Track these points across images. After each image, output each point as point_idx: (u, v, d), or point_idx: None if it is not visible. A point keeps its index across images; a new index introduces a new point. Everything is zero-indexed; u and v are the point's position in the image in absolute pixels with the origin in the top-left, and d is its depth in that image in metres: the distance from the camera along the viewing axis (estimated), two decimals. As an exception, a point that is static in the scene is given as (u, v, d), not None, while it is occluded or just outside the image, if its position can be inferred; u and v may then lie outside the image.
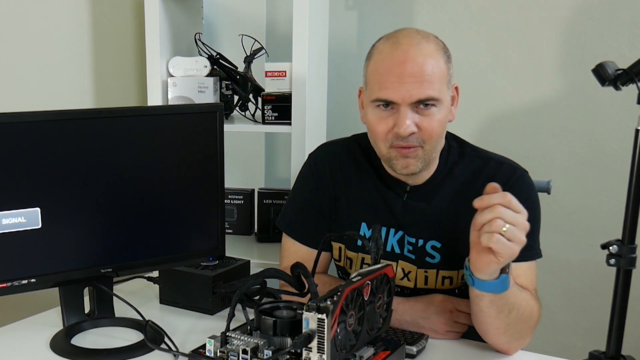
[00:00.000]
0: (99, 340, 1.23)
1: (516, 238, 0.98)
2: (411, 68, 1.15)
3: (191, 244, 1.35)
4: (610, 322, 0.96)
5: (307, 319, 0.95)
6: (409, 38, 1.18)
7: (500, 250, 0.98)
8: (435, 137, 1.20)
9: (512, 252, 0.99)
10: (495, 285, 1.06)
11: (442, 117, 1.19)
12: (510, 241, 0.98)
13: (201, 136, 1.31)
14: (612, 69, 0.96)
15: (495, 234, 0.97)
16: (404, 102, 1.16)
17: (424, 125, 1.18)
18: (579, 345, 2.03)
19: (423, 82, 1.15)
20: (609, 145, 1.94)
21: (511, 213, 0.98)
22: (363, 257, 1.34)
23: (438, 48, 1.19)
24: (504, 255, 0.99)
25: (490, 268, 1.03)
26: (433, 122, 1.18)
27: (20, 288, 1.18)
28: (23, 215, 1.16)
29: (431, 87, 1.16)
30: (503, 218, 0.97)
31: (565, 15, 1.94)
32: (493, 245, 0.98)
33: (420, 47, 1.17)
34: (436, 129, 1.19)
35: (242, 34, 1.93)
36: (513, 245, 0.98)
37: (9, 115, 1.13)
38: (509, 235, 0.97)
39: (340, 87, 2.24)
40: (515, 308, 1.10)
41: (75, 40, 1.88)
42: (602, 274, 1.85)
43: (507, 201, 0.99)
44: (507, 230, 0.97)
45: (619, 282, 0.95)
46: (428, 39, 1.19)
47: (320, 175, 1.38)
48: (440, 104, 1.18)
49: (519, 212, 0.99)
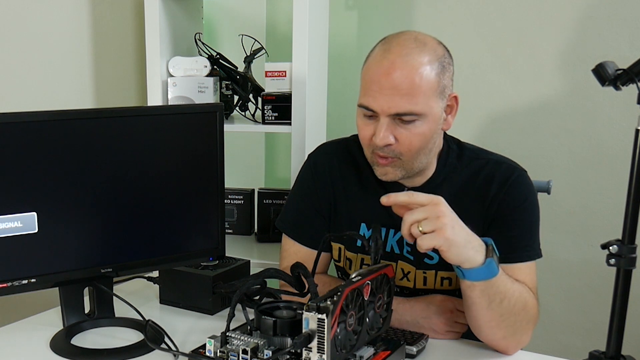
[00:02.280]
0: (99, 340, 1.23)
1: (434, 226, 1.03)
2: (394, 80, 1.13)
3: (191, 244, 1.35)
4: (610, 322, 0.96)
5: (307, 319, 0.95)
6: (401, 47, 1.15)
7: (431, 245, 1.04)
8: (414, 149, 1.18)
9: (443, 238, 1.03)
10: (482, 271, 1.07)
11: (426, 130, 1.17)
12: (433, 231, 1.03)
13: (201, 136, 1.31)
14: (612, 69, 0.96)
15: (419, 237, 1.04)
16: (382, 112, 1.16)
17: (402, 138, 1.17)
18: (579, 345, 2.03)
19: (404, 95, 1.13)
20: (609, 145, 1.94)
21: (417, 211, 1.04)
22: (362, 257, 1.34)
23: (432, 59, 1.15)
24: (438, 245, 1.04)
25: (453, 258, 1.06)
26: (413, 136, 1.17)
27: (20, 288, 1.18)
28: (19, 219, 1.15)
29: (412, 101, 1.14)
30: (414, 220, 1.04)
31: (565, 15, 1.94)
32: (424, 247, 1.04)
33: (408, 57, 1.14)
34: (415, 143, 1.17)
35: (242, 34, 1.93)
36: (437, 233, 1.03)
37: (9, 115, 1.13)
38: (427, 229, 1.03)
39: (340, 87, 2.24)
40: (506, 297, 1.11)
41: (75, 40, 1.88)
42: (602, 274, 1.85)
43: (408, 202, 1.06)
44: (423, 227, 1.03)
45: (619, 282, 0.95)
46: (423, 47, 1.16)
47: (319, 176, 1.38)
48: (423, 117, 1.16)
49: (426, 204, 1.05)
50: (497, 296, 1.10)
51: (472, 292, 1.10)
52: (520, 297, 1.14)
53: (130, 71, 2.08)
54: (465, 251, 1.05)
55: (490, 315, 1.12)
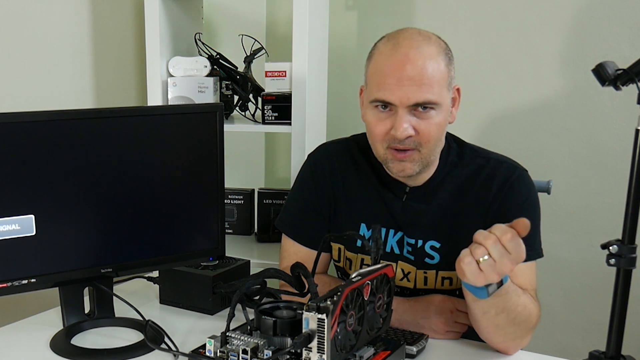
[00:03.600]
0: (99, 340, 1.23)
1: (487, 272, 0.99)
2: (410, 71, 1.15)
3: (191, 244, 1.35)
4: (610, 322, 0.96)
5: (307, 319, 0.95)
6: (410, 40, 1.18)
7: (467, 275, 1.00)
8: (432, 140, 1.19)
9: (475, 280, 1.00)
10: (472, 289, 1.06)
11: (441, 120, 1.19)
12: (481, 271, 0.99)
13: (201, 136, 1.31)
14: (612, 69, 0.96)
15: (471, 258, 0.99)
16: (401, 104, 1.16)
17: (421, 129, 1.18)
18: (579, 345, 2.03)
19: (422, 85, 1.15)
20: (609, 145, 1.94)
21: (499, 249, 0.98)
22: (362, 257, 1.34)
23: (439, 50, 1.18)
24: (469, 279, 1.00)
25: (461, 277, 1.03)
26: (431, 126, 1.18)
27: (20, 288, 1.18)
28: (17, 222, 1.15)
29: (430, 90, 1.15)
30: (488, 250, 0.98)
31: (565, 15, 1.95)
32: (463, 267, 0.99)
33: (420, 49, 1.16)
34: (434, 133, 1.19)
35: (242, 34, 1.93)
36: (481, 275, 0.99)
37: (8, 115, 1.13)
38: (483, 267, 0.98)
39: (340, 87, 2.24)
40: (504, 312, 1.10)
41: (75, 40, 1.88)
42: (602, 274, 1.84)
43: (503, 237, 0.99)
44: (483, 262, 0.98)
45: (619, 282, 0.95)
46: (429, 40, 1.19)
47: (319, 176, 1.38)
48: (439, 107, 1.18)
49: (509, 252, 0.98)
50: (492, 310, 1.09)
51: (467, 295, 1.10)
52: (524, 311, 1.13)
53: (130, 71, 2.08)
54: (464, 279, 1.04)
55: (485, 323, 1.13)
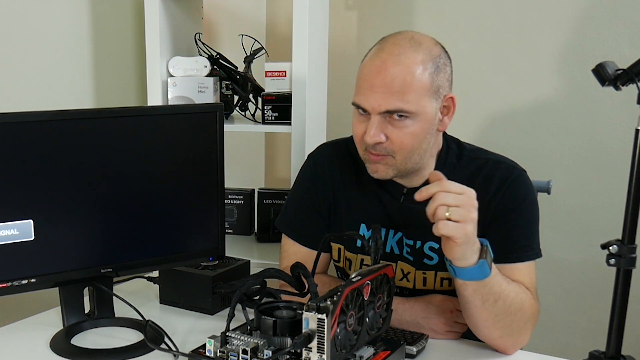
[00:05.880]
0: (99, 340, 1.23)
1: (463, 217, 1.01)
2: (384, 78, 1.14)
3: (191, 244, 1.35)
4: (610, 322, 0.96)
5: (307, 319, 0.95)
6: (395, 46, 1.16)
7: (452, 234, 1.02)
8: (406, 149, 1.18)
9: (464, 232, 1.02)
10: (474, 272, 1.07)
11: (417, 129, 1.17)
12: (458, 222, 1.01)
13: (201, 136, 1.31)
14: (612, 69, 0.96)
15: (442, 220, 1.01)
16: (373, 110, 1.16)
17: (392, 137, 1.17)
18: (579, 345, 2.03)
19: (394, 93, 1.14)
20: (609, 145, 1.94)
21: (452, 196, 1.02)
22: (362, 258, 1.34)
23: (425, 58, 1.15)
24: (457, 236, 1.02)
25: (456, 253, 1.05)
26: (404, 135, 1.17)
27: (20, 288, 1.18)
28: (15, 227, 1.15)
29: (402, 99, 1.14)
30: (444, 203, 1.01)
31: (565, 15, 1.95)
32: (443, 232, 1.02)
33: (401, 56, 1.14)
34: (407, 142, 1.17)
35: (242, 34, 1.93)
36: (462, 225, 1.01)
37: (8, 115, 1.13)
38: (455, 217, 1.01)
39: (340, 87, 2.23)
40: (501, 298, 1.11)
41: (75, 40, 1.88)
42: (602, 274, 1.85)
43: (445, 186, 1.03)
44: (452, 213, 1.01)
45: (619, 282, 0.95)
46: (417, 47, 1.16)
47: (319, 176, 1.38)
48: (414, 116, 1.16)
49: (461, 193, 1.02)
50: (491, 296, 1.10)
51: (464, 290, 1.10)
52: (516, 298, 1.13)
53: (130, 71, 2.08)
54: (467, 250, 1.05)
55: (486, 315, 1.13)
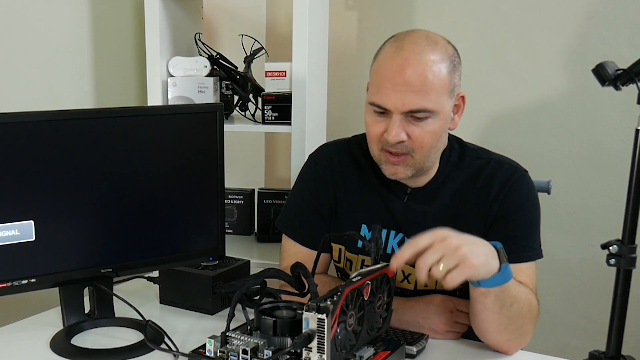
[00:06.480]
0: (99, 340, 1.23)
1: (456, 260, 0.97)
2: (408, 77, 1.13)
3: (191, 244, 1.35)
4: (610, 322, 0.96)
5: (307, 319, 0.95)
6: (414, 44, 1.16)
7: (462, 278, 0.98)
8: (426, 147, 1.18)
9: (471, 267, 0.98)
10: (498, 278, 1.04)
11: (437, 127, 1.18)
12: (457, 266, 0.97)
13: (201, 136, 1.31)
14: (612, 69, 0.96)
15: (444, 279, 0.98)
16: (396, 110, 1.15)
17: (414, 135, 1.17)
18: (579, 345, 2.03)
19: (418, 92, 1.13)
20: (609, 145, 1.94)
21: (429, 253, 0.98)
22: (363, 259, 1.34)
23: (444, 57, 1.16)
24: (469, 276, 0.99)
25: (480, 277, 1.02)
26: (425, 133, 1.17)
27: (20, 288, 1.18)
28: (16, 228, 1.15)
29: (426, 97, 1.14)
30: (431, 264, 0.97)
31: (565, 15, 1.94)
32: (456, 284, 0.98)
33: (422, 55, 1.14)
34: (427, 140, 1.18)
35: (242, 34, 1.93)
36: (462, 265, 0.97)
37: (8, 115, 1.13)
38: (450, 266, 0.97)
39: (340, 87, 2.24)
40: (516, 301, 1.10)
41: (75, 40, 1.88)
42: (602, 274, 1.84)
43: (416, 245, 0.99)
44: (444, 266, 0.97)
45: (619, 282, 0.95)
46: (435, 46, 1.16)
47: (320, 177, 1.38)
48: (435, 115, 1.16)
49: (433, 241, 0.98)
50: (508, 300, 1.09)
51: (485, 298, 1.08)
52: (526, 300, 1.13)
53: (130, 71, 2.08)
54: (488, 265, 1.02)
55: (500, 319, 1.12)
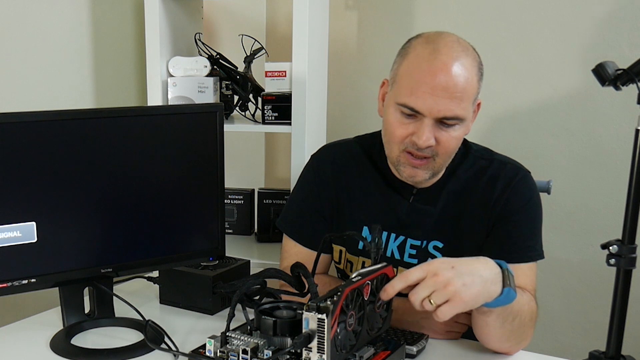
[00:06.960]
0: (99, 340, 1.23)
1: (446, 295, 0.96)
2: (445, 82, 1.11)
3: (191, 244, 1.35)
4: (610, 322, 0.96)
5: (307, 319, 0.95)
6: (450, 49, 1.13)
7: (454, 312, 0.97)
8: (450, 152, 1.19)
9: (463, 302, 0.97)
10: (500, 300, 1.02)
11: (461, 133, 1.18)
12: (447, 301, 0.96)
13: (201, 136, 1.31)
14: (612, 69, 0.96)
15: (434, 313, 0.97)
16: (430, 114, 1.13)
17: (442, 140, 1.16)
18: (579, 345, 2.03)
19: (454, 99, 1.12)
20: (609, 145, 1.94)
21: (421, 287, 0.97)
22: (364, 260, 1.34)
23: (475, 63, 1.15)
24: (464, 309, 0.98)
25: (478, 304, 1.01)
26: (451, 139, 1.17)
27: (20, 288, 1.18)
28: (18, 229, 1.15)
29: (460, 105, 1.13)
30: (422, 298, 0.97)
31: (565, 15, 1.94)
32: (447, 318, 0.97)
33: (459, 61, 1.13)
34: (452, 145, 1.18)
35: (242, 34, 1.93)
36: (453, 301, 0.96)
37: (8, 115, 1.13)
38: (440, 302, 0.96)
39: (340, 87, 2.24)
40: (518, 315, 1.10)
41: (75, 40, 1.87)
42: (602, 274, 1.85)
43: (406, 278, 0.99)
44: (435, 301, 0.96)
45: (619, 282, 0.95)
46: (467, 52, 1.15)
47: (322, 177, 1.37)
48: (462, 122, 1.16)
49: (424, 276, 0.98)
50: (511, 316, 1.09)
51: (487, 317, 1.08)
52: (528, 310, 1.13)
53: (130, 71, 2.08)
54: (486, 293, 1.00)
55: (502, 333, 1.12)
